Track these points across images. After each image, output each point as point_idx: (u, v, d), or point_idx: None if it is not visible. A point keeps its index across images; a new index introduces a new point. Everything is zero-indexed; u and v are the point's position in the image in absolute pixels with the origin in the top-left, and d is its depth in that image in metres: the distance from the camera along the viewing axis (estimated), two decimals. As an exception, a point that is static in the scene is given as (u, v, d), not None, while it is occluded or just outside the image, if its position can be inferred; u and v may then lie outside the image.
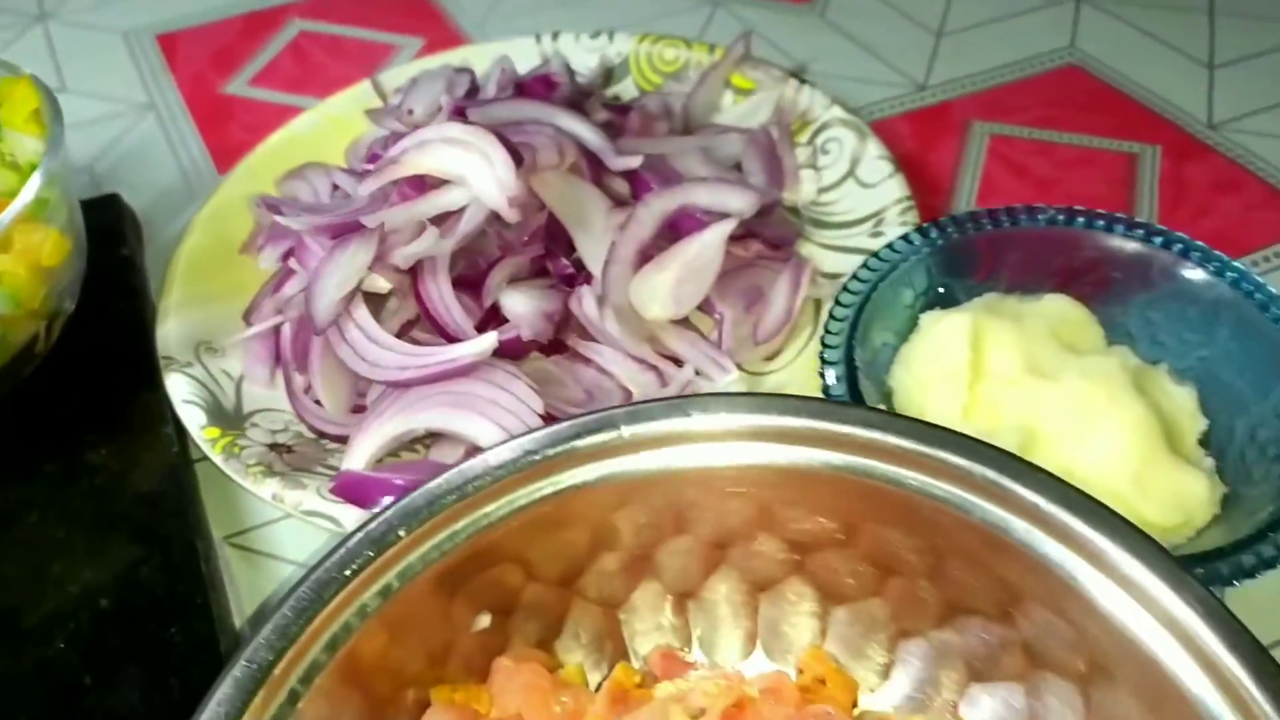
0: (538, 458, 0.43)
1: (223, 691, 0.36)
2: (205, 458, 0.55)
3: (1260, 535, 0.43)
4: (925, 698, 0.45)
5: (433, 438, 0.57)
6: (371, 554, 0.40)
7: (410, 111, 0.68)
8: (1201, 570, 0.43)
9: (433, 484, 0.42)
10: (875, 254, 0.56)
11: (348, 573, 0.40)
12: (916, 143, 0.80)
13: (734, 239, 0.62)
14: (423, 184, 0.59)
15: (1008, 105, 0.82)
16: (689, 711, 0.40)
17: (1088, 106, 0.81)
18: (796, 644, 0.48)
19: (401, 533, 0.41)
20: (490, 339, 0.54)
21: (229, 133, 0.85)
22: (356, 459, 0.54)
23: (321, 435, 0.58)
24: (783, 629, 0.48)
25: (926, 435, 0.41)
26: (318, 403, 0.59)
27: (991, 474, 0.40)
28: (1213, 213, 0.72)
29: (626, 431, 0.43)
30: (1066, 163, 0.76)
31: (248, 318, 0.63)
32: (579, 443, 0.43)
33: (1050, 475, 0.39)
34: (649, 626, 0.48)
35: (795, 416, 0.43)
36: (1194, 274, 0.54)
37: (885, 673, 0.46)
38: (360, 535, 0.40)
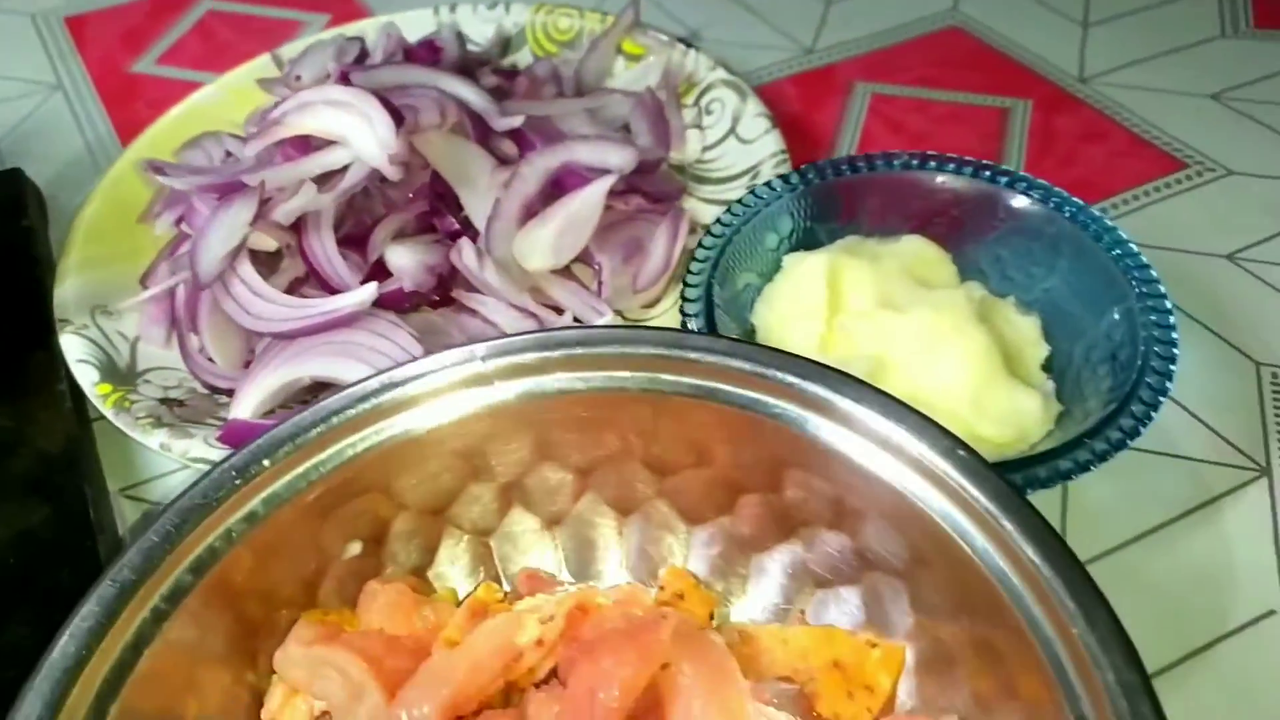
0: (400, 391, 0.45)
1: (87, 608, 0.38)
2: (104, 416, 0.57)
3: (1077, 442, 0.47)
4: (781, 608, 0.48)
5: (321, 389, 0.59)
6: (238, 482, 0.42)
7: (298, 78, 0.70)
8: (1021, 474, 0.46)
9: (298, 416, 0.44)
10: (739, 200, 0.59)
11: (213, 500, 0.42)
12: (802, 103, 0.83)
13: (616, 194, 0.65)
14: (307, 145, 0.61)
15: (890, 66, 0.86)
16: (541, 619, 0.42)
17: (966, 65, 0.85)
18: (661, 565, 0.50)
19: (266, 462, 0.43)
20: (370, 289, 0.56)
21: (135, 110, 0.86)
22: (243, 408, 0.56)
23: (215, 390, 0.60)
24: (648, 551, 0.51)
25: (762, 356, 0.44)
26: (211, 360, 0.61)
27: (819, 389, 0.43)
28: (1078, 161, 0.75)
29: (488, 364, 0.46)
30: (941, 118, 0.80)
31: (145, 281, 0.65)
32: (441, 376, 0.45)
33: (873, 388, 0.42)
34: (520, 553, 0.50)
35: (649, 346, 0.45)
36: (1036, 210, 0.58)
37: (744, 587, 0.49)
38: (225, 465, 0.42)
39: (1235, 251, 0.68)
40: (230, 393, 0.59)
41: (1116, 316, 0.53)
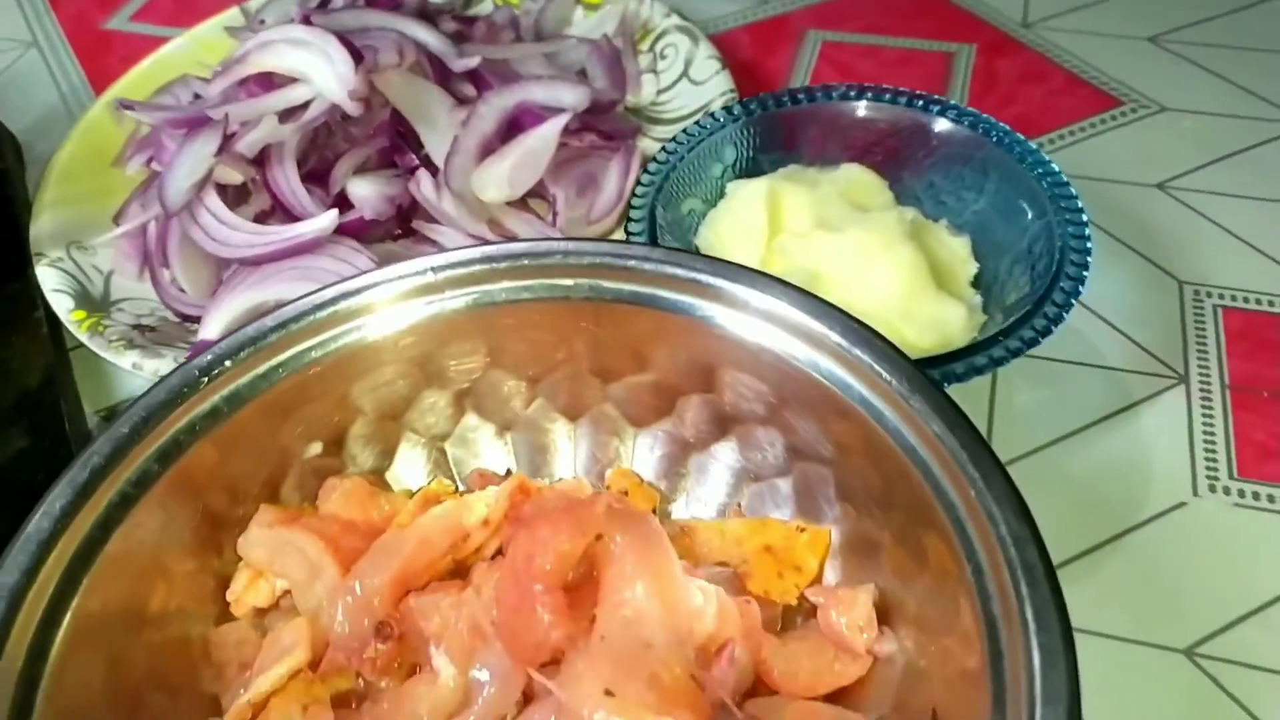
0: (356, 300, 0.48)
1: (59, 489, 0.40)
2: (80, 346, 0.60)
3: (993, 340, 0.50)
4: (721, 504, 0.51)
5: (287, 314, 0.62)
6: (203, 380, 0.45)
7: (262, 22, 0.72)
8: (940, 370, 0.49)
9: (258, 322, 0.47)
10: (684, 129, 0.62)
11: (178, 396, 0.44)
12: (755, 51, 0.85)
13: (571, 132, 0.67)
14: (270, 83, 0.63)
15: (842, 15, 0.88)
16: (486, 503, 0.45)
17: (915, 14, 0.88)
18: (609, 468, 0.53)
19: (228, 363, 0.45)
20: (331, 215, 0.59)
21: (109, 65, 0.89)
22: (211, 330, 0.58)
23: (185, 319, 0.63)
24: (596, 454, 0.53)
25: (694, 263, 0.47)
26: (182, 290, 0.63)
27: (746, 289, 0.45)
28: (1017, 100, 0.78)
29: (440, 275, 0.48)
30: (889, 63, 0.83)
31: (117, 220, 0.68)
32: (395, 286, 0.48)
33: (795, 287, 0.45)
34: (474, 457, 0.53)
35: (591, 255, 0.48)
36: (965, 136, 0.61)
37: (686, 486, 0.52)
38: (191, 364, 0.45)
39: (1165, 181, 0.71)
40: (200, 320, 0.62)
41: (1037, 230, 0.56)
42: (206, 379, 0.45)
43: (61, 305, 0.61)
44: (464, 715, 0.40)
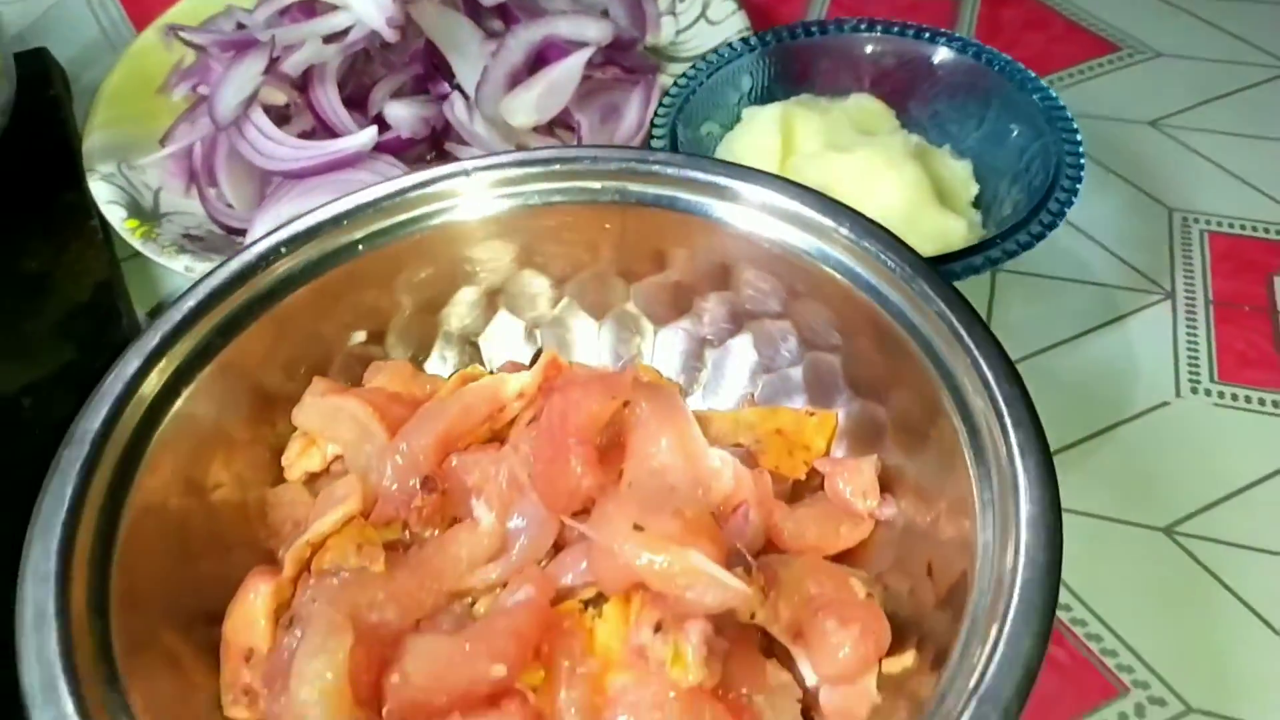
0: (399, 199, 0.51)
1: (129, 354, 0.44)
2: (132, 255, 0.64)
3: (990, 244, 0.53)
4: (739, 395, 0.55)
5: (327, 228, 0.65)
6: (260, 265, 0.49)
7: (302, -43, 0.76)
8: (941, 268, 0.52)
9: (310, 216, 0.50)
10: (703, 56, 0.66)
11: (237, 278, 0.48)
12: (770, -2, 0.90)
13: (594, 65, 0.71)
14: (312, 11, 0.67)
15: (854, -36, 0.92)
16: (521, 381, 0.49)
17: (924, -37, 0.91)
18: (632, 365, 0.57)
19: (283, 250, 0.49)
20: (370, 131, 0.63)
21: (150, 6, 0.92)
22: (257, 235, 0.62)
23: (231, 231, 0.67)
24: (619, 352, 0.57)
25: (714, 167, 0.50)
26: (229, 205, 0.67)
27: (762, 189, 0.49)
28: (1020, 44, 0.82)
29: (476, 177, 0.52)
30: (899, 10, 0.86)
31: (164, 141, 0.71)
32: (435, 186, 0.52)
33: (808, 189, 0.49)
34: (504, 352, 0.57)
35: (617, 161, 0.52)
36: (969, 66, 0.64)
37: (704, 380, 0.56)
38: (246, 250, 0.49)
39: (1158, 119, 0.75)
40: (245, 233, 0.66)
41: (1034, 151, 0.59)
42: (264, 264, 0.49)
43: (115, 215, 0.64)
44: (502, 560, 0.44)
